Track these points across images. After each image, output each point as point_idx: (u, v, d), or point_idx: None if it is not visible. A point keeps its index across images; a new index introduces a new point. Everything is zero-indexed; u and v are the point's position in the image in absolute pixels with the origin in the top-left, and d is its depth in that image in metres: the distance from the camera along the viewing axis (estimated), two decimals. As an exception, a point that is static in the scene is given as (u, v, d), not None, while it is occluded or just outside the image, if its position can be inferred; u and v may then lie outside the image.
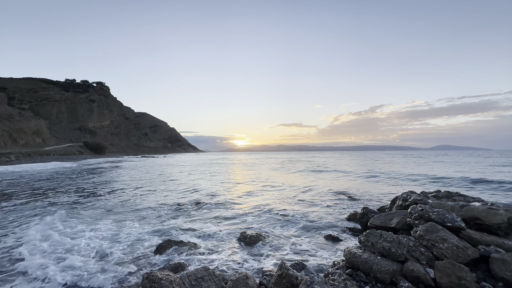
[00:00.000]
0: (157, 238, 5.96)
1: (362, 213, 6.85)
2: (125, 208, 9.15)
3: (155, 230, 6.54)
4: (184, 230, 6.61)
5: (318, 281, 3.01)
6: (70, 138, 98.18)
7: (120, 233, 6.34)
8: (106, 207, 9.24)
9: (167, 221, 7.42)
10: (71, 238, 5.91)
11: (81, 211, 8.60)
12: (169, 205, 9.56)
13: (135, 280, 4.02)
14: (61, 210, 8.60)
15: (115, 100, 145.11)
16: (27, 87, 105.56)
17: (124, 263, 4.63)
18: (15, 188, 14.01)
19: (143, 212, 8.56)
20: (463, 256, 3.63)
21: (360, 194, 11.59)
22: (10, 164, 35.30)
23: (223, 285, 3.45)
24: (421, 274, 3.36)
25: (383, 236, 4.08)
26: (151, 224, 7.11)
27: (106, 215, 8.09)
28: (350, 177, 18.69)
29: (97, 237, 5.97)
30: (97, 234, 6.21)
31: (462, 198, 6.41)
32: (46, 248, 5.29)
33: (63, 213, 8.16)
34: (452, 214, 4.45)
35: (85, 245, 5.48)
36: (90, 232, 6.37)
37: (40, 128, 72.22)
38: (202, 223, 7.23)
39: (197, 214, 8.27)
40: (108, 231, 6.46)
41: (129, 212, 8.49)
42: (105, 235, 6.13)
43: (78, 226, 6.79)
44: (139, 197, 11.31)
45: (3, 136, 56.29)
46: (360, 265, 3.76)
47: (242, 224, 7.20)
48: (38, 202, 10.04)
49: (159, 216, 8.00)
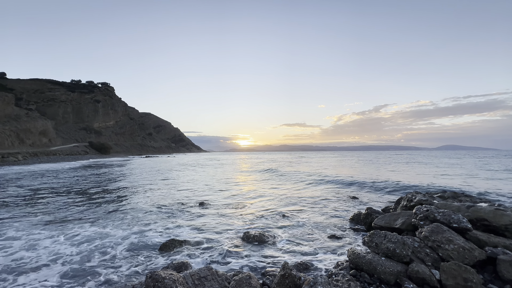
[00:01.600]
0: (161, 237, 5.99)
1: (366, 214, 6.79)
2: (134, 207, 9.24)
3: (158, 229, 6.59)
4: (187, 229, 6.64)
5: (321, 281, 2.99)
6: (76, 138, 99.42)
7: (127, 231, 6.41)
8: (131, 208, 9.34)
9: (170, 220, 7.46)
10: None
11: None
12: (173, 204, 9.62)
13: (139, 279, 4.05)
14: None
15: (119, 100, 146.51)
16: (34, 88, 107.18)
17: (128, 261, 4.67)
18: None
19: (149, 210, 8.62)
20: (469, 258, 3.58)
21: (364, 195, 11.50)
22: (17, 164, 35.85)
23: (226, 285, 3.46)
24: (426, 275, 3.31)
25: (388, 236, 4.04)
26: (156, 223, 7.16)
27: (112, 215, 8.18)
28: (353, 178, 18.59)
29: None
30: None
31: (469, 199, 6.32)
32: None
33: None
34: (458, 215, 4.38)
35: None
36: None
37: (46, 128, 73.27)
38: (205, 223, 7.25)
39: (201, 214, 8.29)
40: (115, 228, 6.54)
41: (138, 212, 8.57)
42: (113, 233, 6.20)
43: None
44: (147, 197, 11.40)
45: (11, 136, 57.24)
46: (364, 266, 3.73)
47: (245, 223, 7.20)
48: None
49: (162, 215, 8.05)
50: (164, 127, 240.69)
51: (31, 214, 8.14)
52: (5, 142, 54.07)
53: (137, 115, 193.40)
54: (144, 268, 4.44)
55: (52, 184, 15.57)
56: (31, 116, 70.79)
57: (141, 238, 5.93)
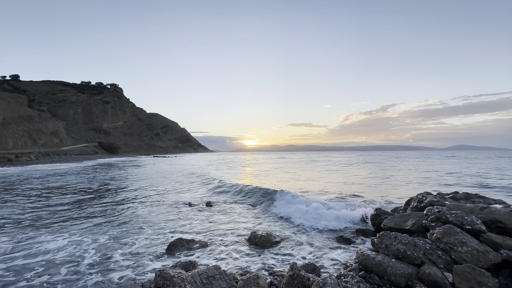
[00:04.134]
0: (169, 236, 6.05)
1: (375, 214, 6.68)
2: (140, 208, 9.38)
3: (166, 228, 6.66)
4: (194, 228, 6.69)
5: (330, 282, 2.96)
6: (86, 138, 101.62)
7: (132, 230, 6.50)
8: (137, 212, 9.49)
9: (178, 220, 7.53)
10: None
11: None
12: (182, 204, 9.71)
13: (148, 276, 4.09)
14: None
15: (128, 101, 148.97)
16: (45, 90, 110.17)
17: (137, 258, 4.74)
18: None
19: (159, 209, 8.73)
20: (484, 261, 3.47)
21: (373, 195, 11.32)
22: (29, 164, 36.89)
23: (234, 284, 3.46)
24: (438, 278, 3.23)
25: (398, 238, 3.96)
26: (164, 223, 7.24)
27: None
28: (360, 177, 18.33)
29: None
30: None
31: (482, 200, 6.13)
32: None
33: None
34: (471, 216, 4.26)
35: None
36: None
37: (57, 129, 75.18)
38: (213, 222, 7.28)
39: (208, 214, 8.34)
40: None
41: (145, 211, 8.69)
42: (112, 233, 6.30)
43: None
44: (154, 197, 11.56)
45: (24, 136, 58.98)
46: (373, 268, 3.67)
47: (252, 223, 7.20)
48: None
49: (171, 214, 8.14)
50: (171, 127, 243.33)
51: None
52: (19, 142, 55.74)
53: (144, 116, 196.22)
54: (152, 267, 4.49)
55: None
56: (43, 117, 72.78)
57: (149, 236, 6.01)
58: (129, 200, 10.53)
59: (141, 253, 5.06)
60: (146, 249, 5.27)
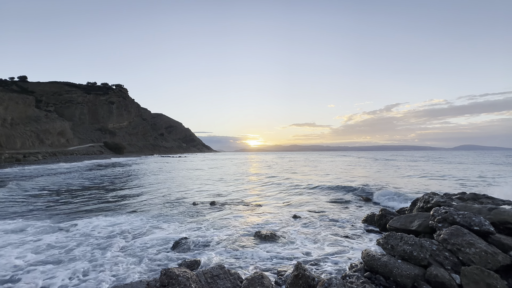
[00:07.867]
0: (173, 235, 6.08)
1: (380, 215, 6.62)
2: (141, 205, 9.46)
3: (171, 227, 6.70)
4: (199, 227, 6.71)
5: (336, 283, 2.94)
6: (92, 138, 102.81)
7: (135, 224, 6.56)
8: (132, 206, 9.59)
9: (183, 219, 7.57)
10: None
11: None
12: (186, 204, 9.76)
13: (153, 275, 4.12)
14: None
15: (133, 101, 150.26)
16: (52, 91, 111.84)
17: (142, 257, 4.78)
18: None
19: (163, 210, 8.79)
20: (492, 262, 3.41)
21: (378, 196, 11.21)
22: (37, 163, 37.49)
23: (238, 284, 3.46)
24: (446, 279, 3.19)
25: (404, 238, 3.92)
26: (169, 222, 7.28)
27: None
28: (366, 176, 18.19)
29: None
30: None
31: (490, 201, 6.03)
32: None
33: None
34: (479, 217, 4.20)
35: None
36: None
37: (64, 129, 76.23)
38: (217, 222, 7.30)
39: (212, 213, 8.37)
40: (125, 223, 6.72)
41: (147, 211, 8.77)
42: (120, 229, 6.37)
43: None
44: (162, 197, 11.65)
45: (31, 137, 59.95)
46: (379, 268, 3.63)
47: (256, 223, 7.19)
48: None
49: (176, 214, 8.18)
50: (175, 128, 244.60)
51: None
52: (27, 142, 56.69)
53: (149, 116, 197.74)
54: (158, 265, 4.52)
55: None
56: (50, 117, 73.86)
57: (155, 236, 6.05)
58: (136, 196, 10.63)
59: (145, 250, 5.11)
60: (152, 248, 5.32)
